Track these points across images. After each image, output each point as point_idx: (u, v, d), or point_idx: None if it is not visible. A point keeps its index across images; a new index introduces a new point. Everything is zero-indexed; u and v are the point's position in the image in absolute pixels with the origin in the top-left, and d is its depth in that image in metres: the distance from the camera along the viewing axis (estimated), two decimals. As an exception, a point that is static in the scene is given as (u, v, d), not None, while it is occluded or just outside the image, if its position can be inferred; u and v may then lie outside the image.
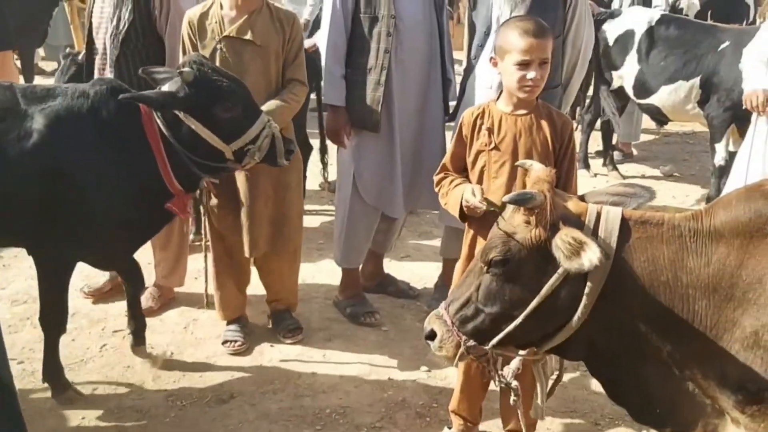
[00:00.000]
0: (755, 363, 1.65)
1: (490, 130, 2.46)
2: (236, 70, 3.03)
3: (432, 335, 1.95)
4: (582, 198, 1.90)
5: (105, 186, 2.79)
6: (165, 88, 2.77)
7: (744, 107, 3.46)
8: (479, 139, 2.49)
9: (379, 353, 3.45)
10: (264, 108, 3.01)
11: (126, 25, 3.40)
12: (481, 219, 2.38)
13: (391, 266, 4.25)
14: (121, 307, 3.52)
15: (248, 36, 3.12)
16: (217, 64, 3.04)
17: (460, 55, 5.47)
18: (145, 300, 3.65)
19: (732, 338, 1.68)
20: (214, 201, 3.31)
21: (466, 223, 2.57)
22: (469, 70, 3.50)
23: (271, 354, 3.44)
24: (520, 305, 1.81)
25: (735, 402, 1.69)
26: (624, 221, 1.77)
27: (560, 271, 1.74)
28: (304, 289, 4.03)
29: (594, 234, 1.74)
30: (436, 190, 2.61)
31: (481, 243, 2.43)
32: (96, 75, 3.50)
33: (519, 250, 1.78)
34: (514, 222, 1.81)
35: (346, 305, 3.79)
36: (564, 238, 1.70)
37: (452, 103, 3.70)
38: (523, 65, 2.35)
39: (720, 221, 1.72)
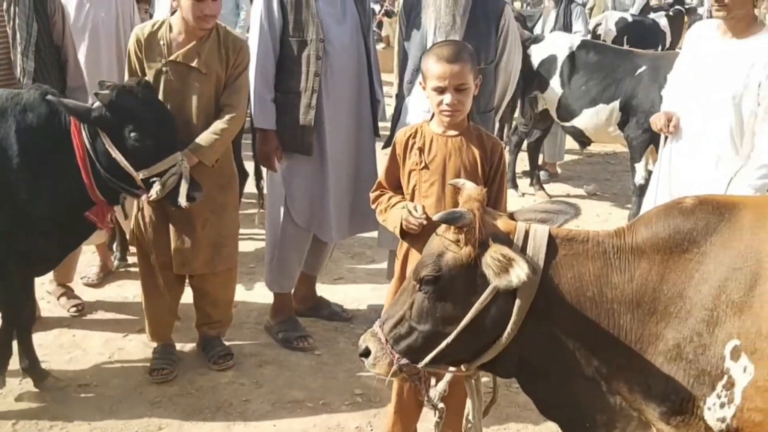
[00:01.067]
0: (678, 375, 1.70)
1: (422, 150, 2.50)
2: (179, 95, 3.10)
3: (366, 353, 1.96)
4: (512, 216, 1.94)
5: (33, 188, 2.84)
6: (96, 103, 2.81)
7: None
8: (411, 158, 2.52)
9: (312, 377, 3.40)
10: (194, 145, 3.03)
11: (35, 37, 3.37)
12: (419, 236, 2.39)
13: (324, 289, 4.21)
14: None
15: (194, 63, 3.11)
16: (161, 86, 3.10)
17: (390, 77, 5.53)
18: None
19: (656, 351, 1.73)
20: (147, 218, 3.23)
21: (400, 240, 2.58)
22: (401, 95, 3.55)
23: (200, 382, 3.34)
24: (452, 323, 1.83)
25: (660, 414, 1.74)
26: (551, 238, 1.82)
27: (490, 288, 1.78)
28: (235, 314, 3.95)
29: (522, 251, 1.78)
30: (373, 206, 2.62)
31: (413, 261, 2.45)
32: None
33: (450, 268, 1.82)
34: (445, 240, 1.84)
35: (278, 330, 3.73)
36: (493, 255, 1.73)
37: (382, 124, 3.73)
38: (439, 90, 2.41)
39: (641, 238, 1.78)
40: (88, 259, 4.39)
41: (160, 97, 3.08)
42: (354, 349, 3.51)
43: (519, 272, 1.70)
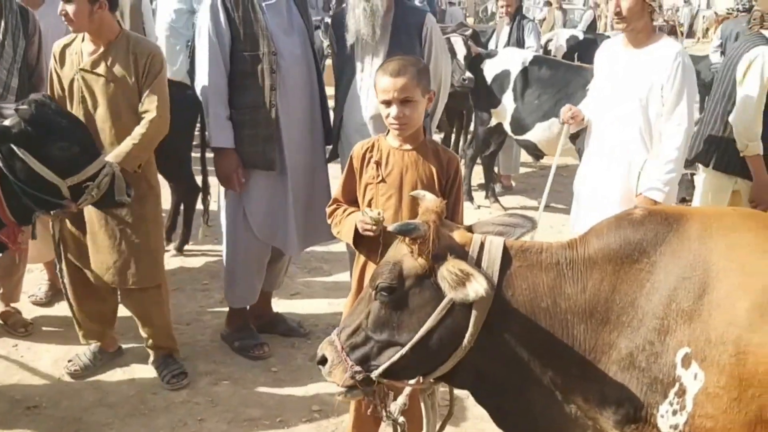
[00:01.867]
0: (631, 383, 1.72)
1: (378, 164, 2.51)
2: (90, 103, 3.12)
3: (323, 361, 1.96)
4: (469, 229, 1.95)
5: None
6: (6, 122, 2.73)
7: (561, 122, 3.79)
8: (368, 172, 2.53)
9: (269, 395, 3.35)
10: (115, 152, 3.01)
11: (21, 55, 3.39)
12: (373, 247, 2.40)
13: (281, 304, 4.16)
14: None
15: (100, 70, 3.11)
16: (75, 95, 3.14)
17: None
18: None
19: (609, 360, 1.75)
20: (67, 233, 3.23)
21: (357, 253, 2.57)
22: (339, 110, 3.56)
23: (153, 402, 3.26)
24: (408, 333, 1.83)
25: (614, 422, 1.76)
26: (506, 250, 1.83)
27: (446, 300, 1.78)
28: (189, 331, 3.89)
29: (477, 263, 1.79)
30: (329, 221, 2.61)
31: (370, 271, 2.45)
32: None
33: (404, 278, 1.83)
34: (401, 251, 1.86)
35: (234, 339, 3.69)
36: (450, 269, 1.74)
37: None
38: (385, 103, 2.44)
39: (593, 249, 1.80)
40: (35, 277, 4.27)
41: (74, 105, 3.12)
42: (312, 365, 3.49)
43: (477, 287, 1.71)
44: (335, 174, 3.78)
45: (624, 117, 3.32)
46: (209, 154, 3.64)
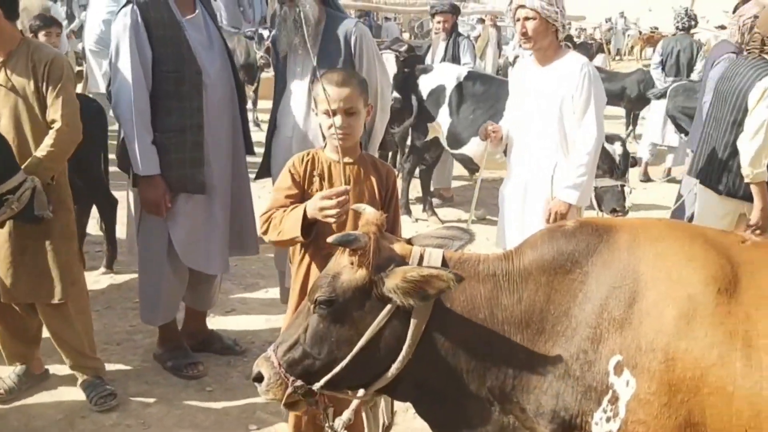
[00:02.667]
0: (567, 392, 1.75)
1: (321, 177, 2.48)
2: None
3: (259, 378, 1.93)
4: (409, 241, 1.97)
5: None
6: None
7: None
8: (312, 185, 2.49)
9: (204, 415, 3.26)
10: (24, 165, 2.89)
11: None
12: (319, 247, 2.36)
13: (216, 321, 4.08)
14: None
15: (0, 80, 2.98)
16: None
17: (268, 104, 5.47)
18: None
19: (545, 369, 1.77)
20: None
21: (296, 266, 2.53)
22: (272, 123, 3.54)
23: (83, 425, 3.13)
24: (347, 346, 1.83)
25: (551, 431, 1.78)
26: (444, 262, 1.85)
27: (385, 310, 1.79)
28: (119, 351, 3.76)
29: None
30: (264, 228, 2.44)
31: (312, 278, 2.44)
32: None
33: (344, 290, 1.82)
34: (341, 263, 1.85)
35: (167, 358, 3.58)
36: (408, 277, 1.74)
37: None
38: (328, 113, 2.42)
39: (528, 260, 1.84)
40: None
41: None
42: (248, 383, 3.41)
43: (441, 284, 1.71)
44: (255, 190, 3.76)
45: (542, 131, 3.49)
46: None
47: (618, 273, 1.73)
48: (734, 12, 4.87)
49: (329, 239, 1.86)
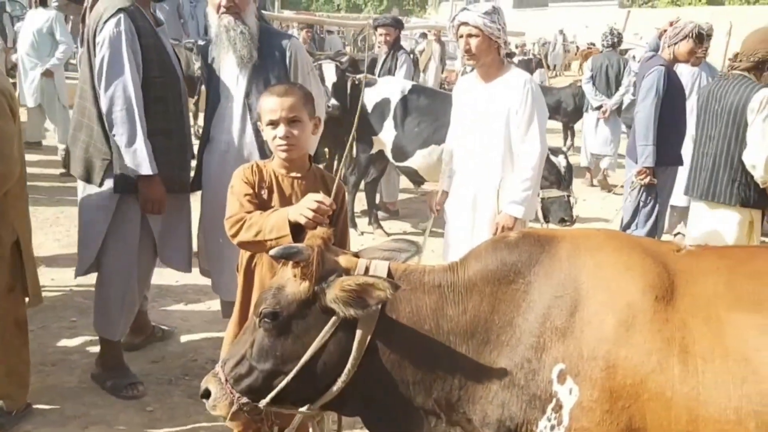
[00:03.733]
0: (512, 401, 1.76)
1: (270, 190, 2.46)
2: None
3: (207, 394, 1.91)
4: (356, 255, 1.96)
5: None
6: None
7: None
8: (259, 197, 2.45)
9: (145, 436, 3.16)
10: None
11: None
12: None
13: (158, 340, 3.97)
14: None
15: None
16: None
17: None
18: None
19: (491, 379, 1.79)
20: None
21: (241, 280, 2.50)
22: (204, 137, 3.51)
23: (14, 452, 3.00)
24: (293, 360, 1.81)
25: (496, 441, 1.79)
26: (390, 274, 1.85)
27: (329, 323, 1.78)
28: (55, 372, 3.62)
29: None
30: (234, 230, 2.33)
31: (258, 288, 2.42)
32: None
33: (288, 303, 1.81)
34: (285, 275, 1.84)
35: (106, 378, 3.48)
36: (346, 286, 1.74)
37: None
38: (272, 124, 2.42)
39: (473, 271, 1.86)
40: None
41: None
42: (190, 402, 3.34)
43: (379, 293, 1.72)
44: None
45: (487, 146, 3.55)
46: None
47: (560, 282, 1.76)
48: (665, 29, 5.09)
49: (271, 252, 1.84)
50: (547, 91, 10.48)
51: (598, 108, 8.35)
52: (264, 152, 3.27)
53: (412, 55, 8.77)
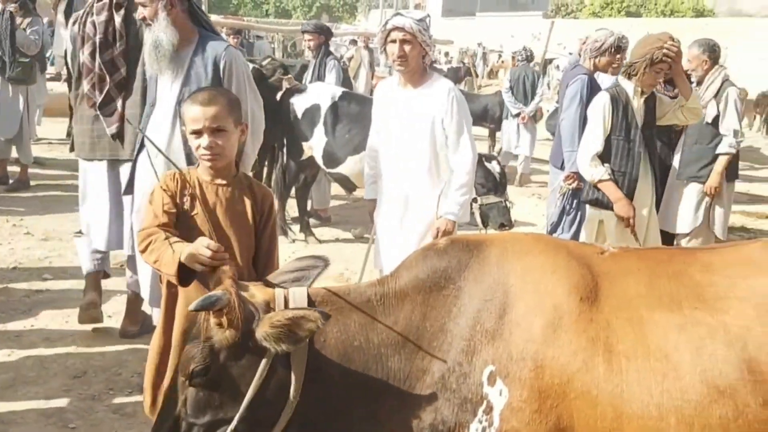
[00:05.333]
0: (445, 405, 1.78)
1: (193, 197, 2.39)
2: None
3: None
4: (267, 283, 1.92)
5: None
6: None
7: None
8: (184, 204, 2.40)
9: (66, 455, 3.03)
10: None
11: None
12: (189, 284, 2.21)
13: (81, 354, 3.81)
14: None
15: None
16: None
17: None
18: None
19: (424, 386, 1.80)
20: None
21: (165, 288, 2.43)
22: (140, 143, 3.45)
23: None
24: (233, 406, 1.75)
25: (430, 445, 1.80)
26: (310, 300, 1.83)
27: (263, 362, 1.74)
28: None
29: None
30: (143, 246, 2.28)
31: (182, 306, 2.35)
32: None
33: (218, 352, 1.75)
34: (207, 326, 1.77)
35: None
36: (276, 323, 1.69)
37: None
38: (196, 133, 2.37)
39: (404, 282, 1.87)
40: None
41: None
42: (115, 418, 3.22)
43: (311, 325, 1.68)
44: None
45: (414, 152, 3.58)
46: None
47: (489, 286, 1.79)
48: (586, 40, 5.28)
49: (189, 308, 1.75)
50: (474, 99, 10.71)
51: (518, 115, 9.28)
52: (191, 160, 3.20)
53: (342, 62, 8.79)
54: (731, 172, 5.30)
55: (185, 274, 2.12)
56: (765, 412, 1.60)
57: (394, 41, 3.46)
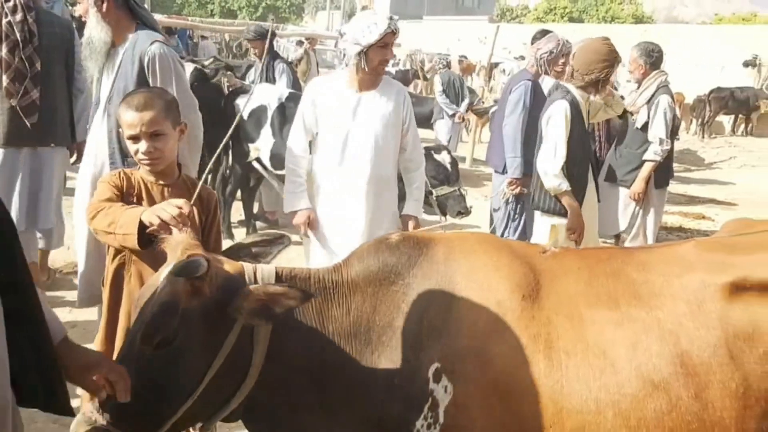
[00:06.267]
0: (391, 402, 1.80)
1: (139, 197, 2.36)
2: None
3: None
4: (226, 255, 1.91)
5: None
6: None
7: None
8: (128, 203, 2.35)
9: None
10: None
11: None
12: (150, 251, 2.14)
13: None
14: None
15: None
16: None
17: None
18: None
19: (373, 380, 1.81)
20: None
21: (108, 282, 2.39)
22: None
23: None
24: (194, 379, 1.70)
25: (376, 441, 1.82)
26: (278, 277, 1.82)
27: (231, 333, 1.71)
28: None
29: None
30: (92, 214, 2.22)
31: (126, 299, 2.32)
32: None
33: (186, 321, 1.68)
34: (174, 291, 1.69)
35: None
36: (260, 295, 1.68)
37: None
38: (133, 139, 2.34)
39: (356, 272, 1.88)
40: None
41: None
42: (56, 428, 3.13)
43: (291, 302, 1.68)
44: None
45: (370, 152, 3.51)
46: None
47: (436, 284, 1.82)
48: (532, 44, 5.34)
49: (173, 271, 1.68)
50: (424, 101, 10.85)
51: (453, 115, 10.03)
52: (115, 162, 3.15)
53: (291, 63, 8.73)
54: (661, 179, 5.40)
55: (143, 239, 2.08)
56: (696, 404, 1.67)
57: (385, 45, 3.34)
